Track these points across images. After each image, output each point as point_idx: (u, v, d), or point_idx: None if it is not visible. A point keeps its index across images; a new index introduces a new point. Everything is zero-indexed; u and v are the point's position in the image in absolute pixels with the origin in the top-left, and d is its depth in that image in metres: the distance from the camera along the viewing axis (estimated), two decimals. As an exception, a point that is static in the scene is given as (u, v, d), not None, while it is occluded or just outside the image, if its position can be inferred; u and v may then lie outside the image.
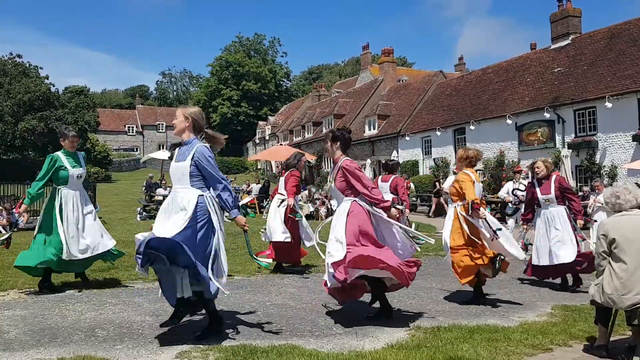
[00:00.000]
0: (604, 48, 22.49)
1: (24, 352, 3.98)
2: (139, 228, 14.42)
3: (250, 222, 4.84)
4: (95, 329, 4.62)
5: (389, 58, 40.94)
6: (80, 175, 6.44)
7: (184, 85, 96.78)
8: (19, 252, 9.19)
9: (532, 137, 23.46)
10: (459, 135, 27.76)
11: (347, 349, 4.17)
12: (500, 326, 4.96)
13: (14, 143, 41.00)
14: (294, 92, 74.92)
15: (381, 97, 38.20)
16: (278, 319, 5.13)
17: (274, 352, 3.96)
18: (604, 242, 4.20)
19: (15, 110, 40.79)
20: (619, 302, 4.07)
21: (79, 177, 6.42)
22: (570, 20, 25.09)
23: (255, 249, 10.47)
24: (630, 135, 19.31)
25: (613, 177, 19.55)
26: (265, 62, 68.98)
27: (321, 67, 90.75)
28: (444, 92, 31.94)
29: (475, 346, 4.26)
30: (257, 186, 24.44)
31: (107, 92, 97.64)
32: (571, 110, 21.71)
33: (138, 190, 31.62)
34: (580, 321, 5.20)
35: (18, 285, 6.49)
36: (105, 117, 66.80)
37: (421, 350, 4.12)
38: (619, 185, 4.54)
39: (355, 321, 5.03)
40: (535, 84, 24.69)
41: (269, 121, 57.45)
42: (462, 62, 46.97)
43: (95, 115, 48.25)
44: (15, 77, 42.58)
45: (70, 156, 6.45)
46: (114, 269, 7.58)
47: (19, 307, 5.40)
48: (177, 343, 4.25)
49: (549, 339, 4.57)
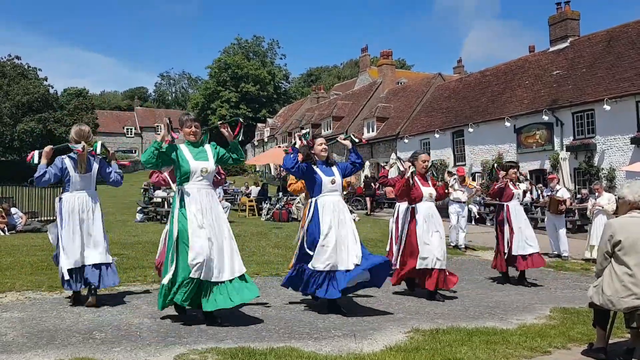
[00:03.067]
0: (602, 51, 22.54)
1: (22, 355, 3.97)
2: (138, 230, 14.41)
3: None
4: (93, 331, 4.60)
5: (387, 60, 40.99)
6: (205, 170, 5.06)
7: (183, 87, 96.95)
8: (16, 254, 9.23)
9: (530, 139, 23.49)
10: (457, 137, 27.79)
11: (346, 352, 4.17)
12: (498, 329, 4.96)
13: (13, 144, 41.02)
14: (292, 94, 74.95)
15: (380, 100, 38.23)
16: (276, 321, 5.12)
17: (272, 355, 3.95)
18: (609, 243, 4.18)
19: (13, 111, 40.82)
20: (617, 304, 4.06)
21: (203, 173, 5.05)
22: (569, 23, 25.15)
23: (253, 250, 10.50)
24: (629, 137, 19.33)
25: (611, 180, 19.57)
26: (264, 64, 69.05)
27: (320, 69, 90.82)
28: (443, 95, 31.98)
29: (473, 349, 4.26)
30: (256, 189, 24.42)
31: (105, 93, 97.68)
32: (570, 113, 21.74)
33: (136, 192, 31.57)
34: (578, 324, 5.20)
35: (16, 287, 6.47)
36: (104, 119, 66.89)
37: (420, 352, 4.11)
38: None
39: (353, 323, 5.03)
40: (533, 86, 24.73)
41: (268, 123, 57.47)
42: (460, 64, 47.03)
43: (94, 117, 48.35)
44: (14, 78, 42.63)
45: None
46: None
47: (17, 310, 5.38)
48: (175, 345, 4.24)
49: (548, 341, 4.57)
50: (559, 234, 11.28)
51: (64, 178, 5.62)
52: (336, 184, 5.62)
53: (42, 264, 8.13)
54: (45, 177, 5.47)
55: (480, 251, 11.83)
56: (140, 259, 8.87)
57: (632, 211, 4.25)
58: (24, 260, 8.42)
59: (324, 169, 5.66)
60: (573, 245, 11.89)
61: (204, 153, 5.14)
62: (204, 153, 5.14)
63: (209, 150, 5.20)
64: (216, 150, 5.24)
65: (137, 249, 10.26)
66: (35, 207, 15.87)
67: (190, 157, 5.04)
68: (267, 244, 11.39)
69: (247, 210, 21.58)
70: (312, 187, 5.65)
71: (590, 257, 10.69)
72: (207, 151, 5.18)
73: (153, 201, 19.65)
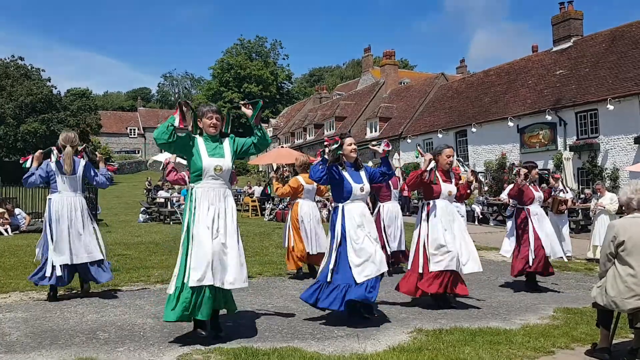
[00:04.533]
0: (605, 50, 22.49)
1: (26, 355, 3.98)
2: (141, 230, 14.44)
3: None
4: (96, 332, 4.61)
5: (390, 60, 40.94)
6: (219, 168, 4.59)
7: (186, 88, 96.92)
8: (20, 255, 9.25)
9: (533, 139, 23.45)
10: (460, 137, 27.76)
11: (349, 352, 4.16)
12: (502, 329, 4.95)
13: (16, 145, 41.10)
14: (295, 94, 74.99)
15: (383, 100, 38.20)
16: (279, 321, 5.13)
17: (275, 355, 3.96)
18: (612, 244, 4.17)
19: (17, 112, 40.92)
20: (621, 305, 4.05)
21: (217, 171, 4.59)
22: (572, 23, 25.11)
23: (256, 250, 10.50)
24: (632, 137, 19.29)
25: (615, 180, 19.53)
26: (266, 65, 69.10)
27: (322, 69, 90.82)
28: (446, 95, 31.95)
29: (477, 349, 4.25)
30: (259, 189, 24.43)
31: (109, 94, 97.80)
32: (573, 113, 21.70)
33: (140, 192, 31.67)
34: (582, 324, 5.18)
35: (20, 288, 6.49)
36: (107, 120, 66.92)
37: (423, 353, 4.11)
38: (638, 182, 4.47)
39: (356, 324, 5.03)
40: (537, 86, 24.69)
41: (271, 123, 57.46)
42: (463, 64, 47.01)
43: (97, 118, 48.39)
44: (17, 79, 42.75)
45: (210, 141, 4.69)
46: (116, 272, 7.57)
47: (21, 310, 5.40)
48: (179, 345, 4.24)
49: (551, 341, 4.55)
50: (562, 233, 11.26)
51: (50, 180, 6.06)
52: (364, 192, 5.31)
53: (46, 264, 8.13)
54: (31, 179, 5.99)
55: (483, 251, 11.80)
56: (144, 260, 8.88)
57: (634, 212, 4.24)
58: (28, 261, 8.43)
59: (353, 174, 5.29)
60: (576, 245, 11.87)
61: (221, 149, 4.64)
62: (220, 149, 4.63)
63: (226, 146, 4.69)
64: (234, 144, 4.75)
65: (140, 249, 10.27)
66: (39, 208, 15.89)
67: (205, 153, 4.54)
68: (269, 244, 11.40)
69: (250, 210, 21.60)
70: (340, 193, 5.26)
71: (593, 257, 10.66)
72: (224, 147, 4.67)
73: (156, 202, 19.70)
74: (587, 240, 11.89)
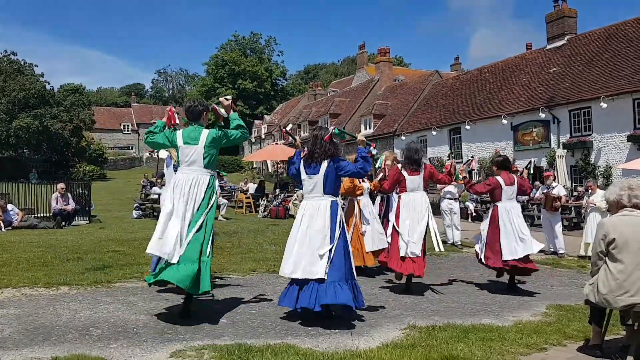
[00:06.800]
0: (599, 48, 22.57)
1: (18, 351, 3.96)
2: (134, 226, 14.39)
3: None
4: (89, 328, 4.60)
5: (385, 57, 40.97)
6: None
7: (180, 84, 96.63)
8: (12, 251, 9.20)
9: (527, 137, 23.53)
10: (454, 135, 27.82)
11: (342, 348, 4.17)
12: (494, 325, 4.97)
13: (9, 141, 40.90)
14: (290, 91, 74.87)
15: (377, 97, 38.22)
16: (273, 317, 5.13)
17: (268, 351, 3.96)
18: (602, 242, 4.20)
19: (9, 107, 40.69)
20: (613, 302, 4.08)
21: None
22: (566, 21, 25.17)
23: (251, 247, 10.50)
24: (625, 135, 19.37)
25: (608, 178, 19.61)
26: (261, 61, 68.92)
27: (317, 66, 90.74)
28: (440, 92, 31.99)
29: (469, 345, 4.27)
30: (254, 185, 24.40)
31: (102, 90, 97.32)
32: (566, 111, 21.78)
33: (133, 188, 31.55)
34: (574, 321, 5.21)
35: (12, 284, 6.45)
36: (101, 115, 66.64)
37: (416, 349, 4.12)
38: (629, 180, 4.53)
39: (350, 320, 5.03)
40: (530, 84, 24.75)
41: (265, 120, 57.40)
42: (458, 62, 47.06)
43: (91, 114, 48.18)
44: (10, 74, 42.48)
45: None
46: (109, 268, 7.56)
47: (13, 306, 5.37)
48: (172, 342, 4.24)
49: (544, 338, 4.58)
50: (555, 230, 11.32)
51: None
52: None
53: (39, 260, 8.10)
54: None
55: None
56: (137, 256, 8.84)
57: (623, 209, 4.27)
58: (21, 257, 8.39)
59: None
60: (569, 242, 11.93)
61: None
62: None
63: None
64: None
65: (133, 245, 10.23)
66: (32, 204, 15.82)
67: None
68: (264, 241, 11.39)
69: (244, 207, 21.58)
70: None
71: (585, 254, 10.71)
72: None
73: (150, 198, 19.63)
74: (580, 237, 11.94)
